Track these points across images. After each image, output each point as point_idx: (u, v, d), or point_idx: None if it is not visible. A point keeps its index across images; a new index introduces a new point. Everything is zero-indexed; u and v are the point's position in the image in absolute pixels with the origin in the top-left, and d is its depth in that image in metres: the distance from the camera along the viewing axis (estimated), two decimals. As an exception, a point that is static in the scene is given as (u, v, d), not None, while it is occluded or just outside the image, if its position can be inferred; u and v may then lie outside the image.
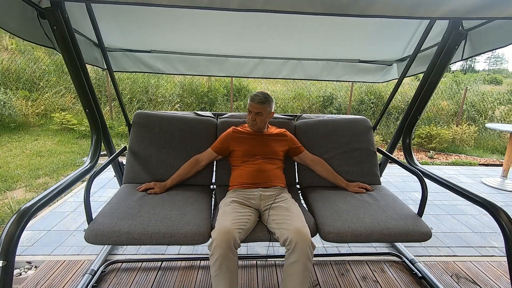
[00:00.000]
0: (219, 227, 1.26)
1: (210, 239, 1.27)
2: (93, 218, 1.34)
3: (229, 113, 2.05)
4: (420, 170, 1.66)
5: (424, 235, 1.39)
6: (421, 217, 1.48)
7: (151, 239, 1.27)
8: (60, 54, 1.42)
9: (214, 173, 1.88)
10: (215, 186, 1.87)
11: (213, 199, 1.73)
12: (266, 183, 1.60)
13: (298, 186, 1.93)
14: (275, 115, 1.99)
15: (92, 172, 1.41)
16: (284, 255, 1.28)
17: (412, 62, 1.80)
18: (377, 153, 1.98)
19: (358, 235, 1.36)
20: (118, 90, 1.87)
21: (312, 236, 1.32)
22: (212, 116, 2.03)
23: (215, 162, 1.86)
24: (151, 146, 1.80)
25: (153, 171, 1.76)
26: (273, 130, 1.80)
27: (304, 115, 2.11)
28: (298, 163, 1.90)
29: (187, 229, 1.31)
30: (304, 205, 1.70)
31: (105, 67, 1.87)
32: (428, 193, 1.50)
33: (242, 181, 1.62)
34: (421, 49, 1.75)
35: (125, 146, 1.89)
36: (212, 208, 1.63)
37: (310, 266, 1.24)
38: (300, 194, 1.84)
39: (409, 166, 1.74)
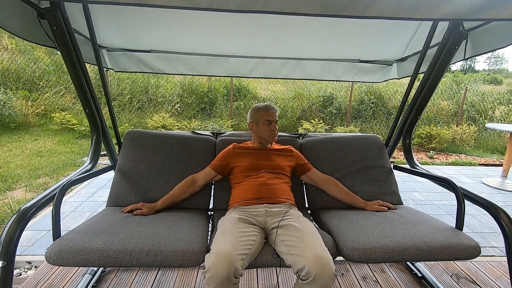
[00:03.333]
0: (217, 251, 1.03)
1: (204, 264, 1.05)
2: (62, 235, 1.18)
3: (229, 132, 1.99)
4: (451, 181, 1.45)
5: (472, 250, 1.19)
6: (461, 230, 1.33)
7: (131, 258, 1.08)
8: (60, 54, 1.42)
9: (212, 196, 1.72)
10: (212, 212, 1.67)
11: (210, 225, 1.53)
12: (272, 198, 1.42)
13: (309, 211, 1.76)
14: (279, 133, 1.90)
15: (64, 184, 1.22)
16: None
17: (422, 60, 1.72)
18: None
19: (389, 251, 1.16)
20: (109, 96, 1.77)
21: (333, 259, 1.11)
22: (211, 134, 1.93)
23: (213, 184, 1.72)
24: (142, 166, 1.66)
25: (143, 194, 1.60)
26: (277, 146, 1.71)
27: (309, 133, 2.03)
28: (306, 184, 1.75)
29: (178, 246, 1.12)
30: (318, 227, 1.48)
31: (108, 67, 1.87)
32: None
33: (245, 196, 1.44)
34: (422, 49, 1.75)
35: (113, 164, 1.78)
36: (209, 232, 1.43)
37: None
38: (311, 218, 1.66)
39: (438, 176, 1.55)
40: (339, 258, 1.91)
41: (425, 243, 1.20)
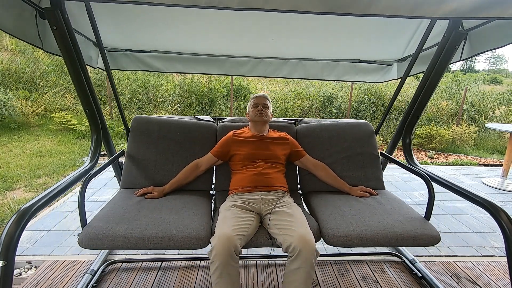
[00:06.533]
0: (219, 234, 1.21)
1: (210, 246, 1.23)
2: (88, 222, 1.31)
3: (230, 117, 2.03)
4: (425, 173, 1.61)
5: (432, 239, 1.35)
6: (428, 220, 1.45)
7: (148, 243, 1.24)
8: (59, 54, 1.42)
9: (214, 178, 1.85)
10: (214, 192, 1.84)
11: (212, 205, 1.69)
12: (267, 186, 1.56)
13: (300, 192, 1.89)
14: (276, 119, 1.99)
15: (87, 175, 1.37)
16: (284, 255, 1.28)
17: (414, 61, 1.77)
18: (380, 156, 1.95)
19: (363, 239, 1.32)
20: (116, 92, 1.84)
21: (316, 241, 1.28)
22: (212, 120, 2.00)
23: (215, 167, 1.83)
24: (149, 151, 1.77)
25: (151, 176, 1.73)
26: (274, 133, 1.79)
27: (305, 119, 2.08)
28: (299, 168, 1.87)
29: (186, 233, 1.28)
30: (307, 210, 1.66)
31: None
32: (428, 193, 1.50)
33: (243, 184, 1.58)
34: (415, 50, 1.75)
35: (123, 150, 1.86)
36: (212, 213, 1.58)
37: (313, 274, 1.21)
38: (302, 199, 1.80)
39: (414, 168, 1.69)
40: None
41: (394, 233, 1.35)
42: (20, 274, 1.74)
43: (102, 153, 1.75)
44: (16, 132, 5.45)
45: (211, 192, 1.83)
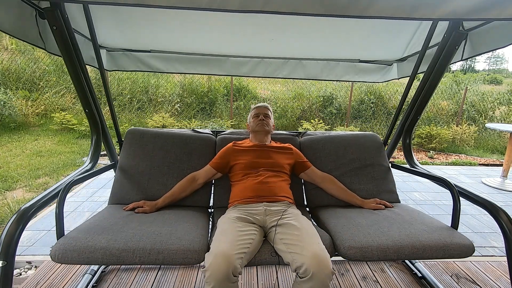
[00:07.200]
0: (216, 251, 1.04)
1: (204, 263, 1.06)
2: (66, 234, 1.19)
3: (229, 130, 2.00)
4: (448, 180, 1.48)
5: (465, 249, 1.22)
6: (456, 229, 1.35)
7: (134, 256, 1.09)
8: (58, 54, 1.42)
9: (212, 194, 1.74)
10: (212, 210, 1.69)
11: (210, 223, 1.55)
12: (271, 197, 1.42)
13: (307, 209, 1.77)
14: (279, 131, 1.96)
15: (68, 183, 1.22)
16: None
17: (421, 61, 1.73)
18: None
19: (385, 250, 1.18)
20: (110, 96, 1.78)
21: (330, 257, 1.12)
22: (211, 133, 1.95)
23: (213, 182, 1.73)
24: (143, 164, 1.67)
25: (144, 191, 1.61)
26: (277, 144, 1.72)
27: (308, 131, 2.04)
28: (305, 182, 1.77)
29: (179, 245, 1.13)
30: (316, 225, 1.52)
31: (98, 67, 1.87)
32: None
33: (244, 195, 1.44)
34: (421, 49, 1.75)
35: (113, 163, 1.79)
36: (210, 230, 1.44)
37: None
38: (310, 215, 1.66)
39: (435, 175, 1.56)
40: (339, 258, 1.93)
41: (420, 242, 1.22)
42: (20, 274, 1.74)
43: (102, 153, 1.75)
44: (16, 132, 5.45)
45: (209, 210, 1.70)
